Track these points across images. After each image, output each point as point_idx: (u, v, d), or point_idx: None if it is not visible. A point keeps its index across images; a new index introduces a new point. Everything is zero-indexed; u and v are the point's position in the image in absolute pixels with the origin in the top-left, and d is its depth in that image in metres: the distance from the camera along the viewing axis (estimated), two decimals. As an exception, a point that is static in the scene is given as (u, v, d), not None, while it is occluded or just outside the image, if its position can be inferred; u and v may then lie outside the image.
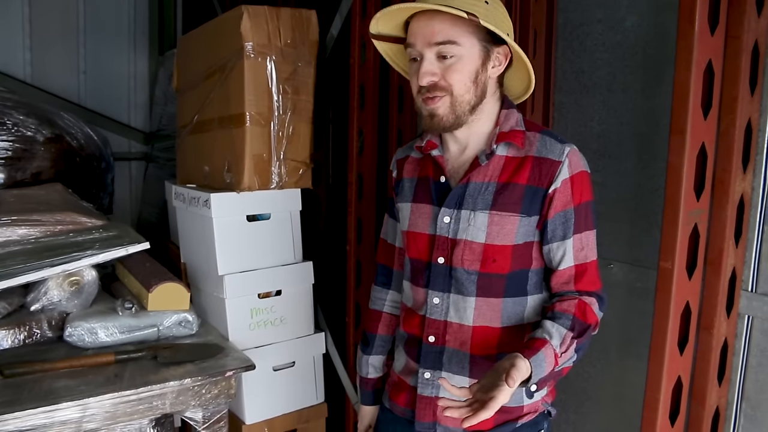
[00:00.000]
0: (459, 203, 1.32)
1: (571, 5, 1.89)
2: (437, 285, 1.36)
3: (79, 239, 2.15)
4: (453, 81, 1.27)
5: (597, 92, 1.84)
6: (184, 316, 2.13)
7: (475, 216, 1.30)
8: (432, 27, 1.25)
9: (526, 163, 1.30)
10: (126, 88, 4.04)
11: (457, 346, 1.34)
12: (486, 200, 1.30)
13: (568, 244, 1.31)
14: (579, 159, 1.32)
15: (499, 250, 1.30)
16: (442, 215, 1.34)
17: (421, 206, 1.40)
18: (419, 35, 1.27)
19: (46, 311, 2.06)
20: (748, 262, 1.56)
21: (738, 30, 1.45)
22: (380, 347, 1.60)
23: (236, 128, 2.30)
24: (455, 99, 1.28)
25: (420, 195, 1.41)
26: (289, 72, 2.31)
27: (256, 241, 2.34)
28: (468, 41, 1.26)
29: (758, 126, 1.52)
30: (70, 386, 1.75)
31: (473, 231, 1.30)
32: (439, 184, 1.37)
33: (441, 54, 1.26)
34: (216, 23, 2.52)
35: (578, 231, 1.31)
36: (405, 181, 1.47)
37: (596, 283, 1.34)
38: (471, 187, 1.32)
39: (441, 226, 1.34)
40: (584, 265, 1.32)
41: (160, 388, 1.81)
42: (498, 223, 1.29)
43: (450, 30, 1.25)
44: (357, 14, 2.41)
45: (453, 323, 1.35)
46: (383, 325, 1.59)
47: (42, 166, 2.91)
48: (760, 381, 1.56)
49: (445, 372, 1.36)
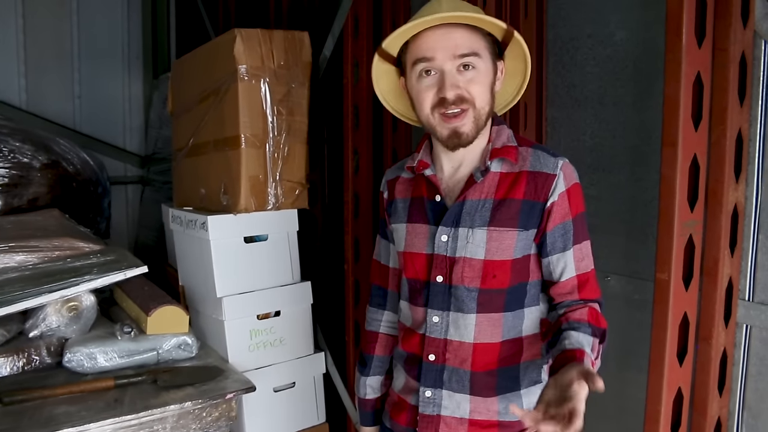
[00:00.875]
0: (456, 221, 1.32)
1: (561, 21, 1.92)
2: (436, 304, 1.35)
3: (77, 264, 2.15)
4: (475, 93, 1.26)
5: (589, 106, 1.85)
6: (183, 339, 2.12)
7: (474, 233, 1.30)
8: (454, 40, 1.24)
9: (521, 179, 1.31)
10: (121, 112, 4.05)
11: (457, 364, 1.34)
12: (483, 217, 1.30)
13: (569, 256, 1.31)
14: (572, 171, 1.33)
15: (499, 265, 1.30)
16: (440, 234, 1.33)
17: (417, 226, 1.39)
18: (439, 48, 1.24)
19: (44, 337, 2.06)
20: (744, 271, 1.57)
21: (725, 42, 1.47)
22: (378, 368, 1.59)
23: (232, 150, 2.31)
24: (478, 112, 1.27)
25: (415, 215, 1.40)
26: (283, 93, 2.33)
27: (254, 263, 2.34)
28: (485, 54, 1.27)
29: (748, 136, 1.53)
30: (70, 412, 1.74)
31: (472, 248, 1.30)
32: (435, 203, 1.37)
33: (465, 64, 1.25)
34: (209, 47, 2.54)
35: (577, 242, 1.31)
36: (398, 202, 1.46)
37: (598, 291, 1.35)
38: (468, 204, 1.32)
39: (439, 245, 1.34)
40: (586, 275, 1.33)
41: (161, 412, 1.80)
42: (497, 239, 1.29)
43: (471, 41, 1.25)
44: (349, 35, 2.43)
45: (453, 341, 1.34)
46: (380, 346, 1.58)
47: (39, 192, 2.92)
48: (760, 390, 1.56)
49: (445, 390, 1.35)
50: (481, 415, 1.34)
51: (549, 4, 1.94)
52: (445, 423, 1.35)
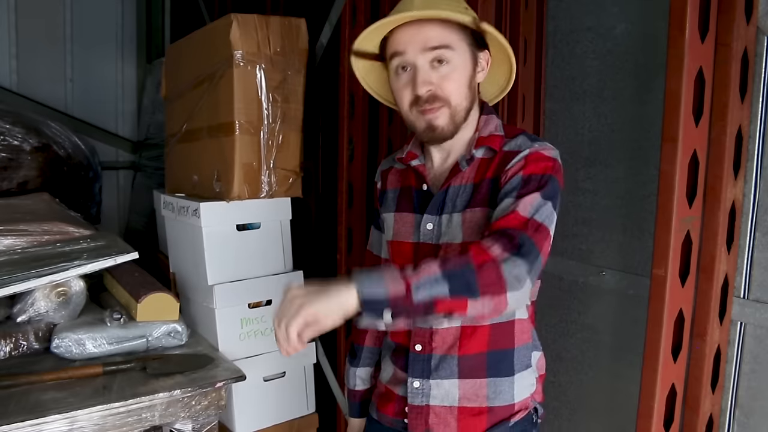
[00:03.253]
0: (440, 209, 1.32)
1: (561, 13, 1.90)
2: None
3: (66, 249, 2.13)
4: (450, 90, 1.26)
5: (588, 100, 1.84)
6: (173, 327, 2.10)
7: (452, 218, 1.30)
8: (425, 33, 1.24)
9: (495, 159, 1.30)
10: (113, 97, 4.03)
11: (444, 351, 1.33)
12: (463, 201, 1.30)
13: (508, 201, 1.19)
14: (545, 148, 1.26)
15: None
16: (425, 222, 1.34)
17: (404, 215, 1.40)
18: (410, 42, 1.25)
19: (32, 322, 2.03)
20: (740, 268, 1.56)
21: (728, 37, 1.46)
22: (367, 359, 1.59)
23: (225, 137, 2.28)
24: (454, 109, 1.27)
25: (402, 204, 1.41)
26: (279, 80, 2.30)
27: (246, 251, 2.33)
28: (460, 46, 1.26)
29: (748, 133, 1.52)
30: (57, 398, 1.72)
31: (452, 232, 1.30)
32: (421, 192, 1.37)
33: (436, 60, 1.25)
34: (205, 31, 2.51)
35: (522, 195, 1.18)
36: (389, 192, 1.47)
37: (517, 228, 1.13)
38: (450, 191, 1.32)
39: (424, 233, 1.34)
40: (515, 215, 1.15)
41: (150, 400, 1.79)
42: (470, 220, 1.28)
43: (443, 34, 1.24)
44: (346, 23, 2.41)
45: (439, 329, 1.33)
46: (370, 337, 1.58)
47: (28, 176, 2.90)
48: (753, 388, 1.56)
49: (433, 380, 1.34)
50: (471, 401, 1.33)
51: (549, -4, 1.92)
52: (435, 413, 1.35)
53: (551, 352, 1.99)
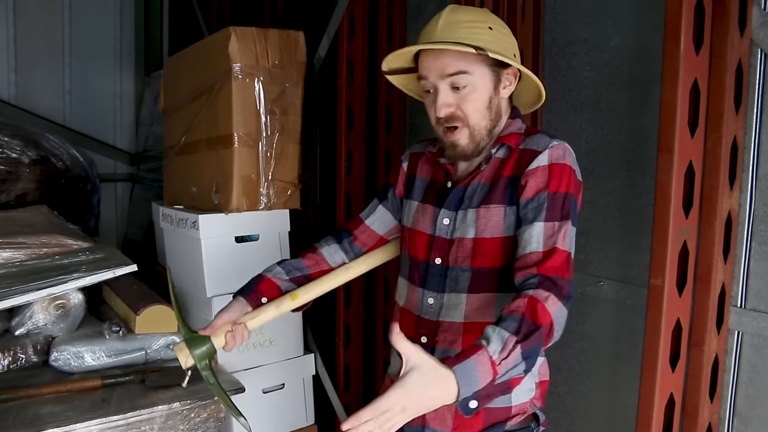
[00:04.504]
0: (457, 205, 1.36)
1: (557, 25, 1.92)
2: (432, 285, 1.37)
3: (65, 262, 2.13)
4: (468, 111, 1.30)
5: (584, 111, 1.85)
6: (172, 339, 2.10)
7: (467, 213, 1.33)
8: (442, 60, 1.28)
9: (512, 157, 1.33)
10: (112, 109, 4.03)
11: (446, 346, 1.35)
12: (479, 198, 1.33)
13: (537, 228, 1.24)
14: (565, 153, 1.29)
15: (489, 243, 1.31)
16: (442, 217, 1.37)
17: (427, 207, 1.43)
18: (431, 69, 1.30)
19: (31, 335, 2.03)
20: (737, 278, 1.57)
21: (722, 50, 1.47)
22: (295, 270, 1.55)
23: (224, 149, 2.29)
24: (473, 128, 1.32)
25: (428, 196, 1.45)
26: (277, 93, 2.32)
27: (245, 263, 2.32)
28: (478, 69, 1.29)
29: (743, 143, 1.53)
30: (55, 412, 1.72)
31: (464, 228, 1.33)
32: (445, 188, 1.41)
33: (454, 85, 1.29)
34: (204, 44, 2.52)
35: (550, 219, 1.24)
36: (417, 180, 1.50)
37: (564, 271, 1.20)
38: (469, 189, 1.35)
39: (440, 227, 1.37)
40: (553, 251, 1.21)
41: (149, 413, 1.79)
42: (485, 216, 1.31)
43: (459, 62, 1.27)
44: (344, 35, 2.42)
45: (444, 322, 1.35)
46: (310, 258, 1.58)
47: (27, 188, 2.89)
48: (751, 397, 1.57)
49: None
50: None
51: (546, 9, 1.94)
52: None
53: (549, 362, 1.98)
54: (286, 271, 1.54)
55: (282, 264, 1.57)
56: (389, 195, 1.56)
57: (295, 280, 1.54)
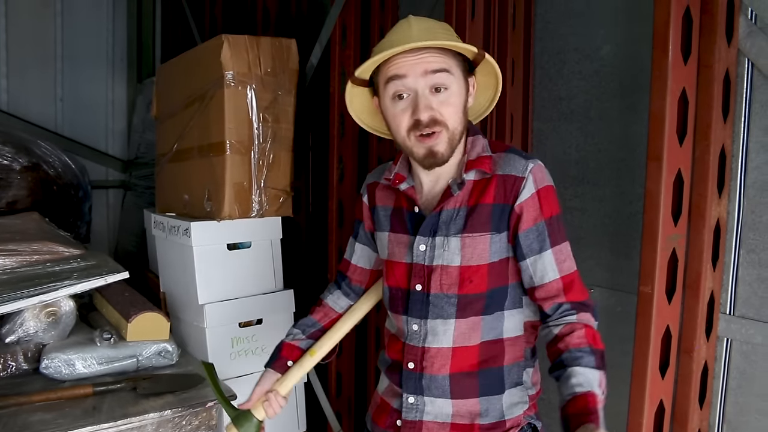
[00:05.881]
0: (433, 231, 1.34)
1: (548, 34, 1.93)
2: (415, 312, 1.37)
3: (56, 269, 2.12)
4: (448, 115, 1.27)
5: (575, 119, 1.87)
6: (163, 346, 2.09)
7: (449, 241, 1.32)
8: (426, 59, 1.26)
9: (491, 183, 1.32)
10: (104, 116, 4.02)
11: (435, 372, 1.35)
12: (458, 225, 1.32)
13: (548, 257, 1.30)
14: (544, 174, 1.32)
15: (475, 270, 1.31)
16: (418, 243, 1.35)
17: (398, 236, 1.41)
18: (412, 67, 1.26)
19: (21, 343, 2.02)
20: (726, 285, 1.59)
21: (710, 59, 1.49)
22: (310, 327, 1.62)
23: (216, 156, 2.29)
24: (451, 133, 1.29)
25: (396, 225, 1.43)
26: (270, 100, 2.32)
27: (237, 270, 2.33)
28: (457, 72, 1.29)
29: (731, 152, 1.55)
30: (46, 420, 1.70)
31: (448, 255, 1.32)
32: (414, 214, 1.39)
33: (435, 86, 1.26)
34: (196, 52, 2.52)
35: (555, 243, 1.30)
36: (380, 210, 1.48)
37: (585, 292, 1.33)
38: (444, 214, 1.33)
39: (417, 254, 1.36)
40: (570, 276, 1.31)
41: (140, 420, 1.77)
42: (470, 245, 1.31)
43: (443, 60, 1.27)
44: (336, 43, 2.43)
45: (431, 348, 1.35)
46: (319, 313, 1.63)
47: (18, 195, 2.88)
48: (740, 403, 1.58)
49: (426, 396, 1.36)
50: (463, 418, 1.35)
51: (537, 18, 1.95)
52: (427, 428, 1.37)
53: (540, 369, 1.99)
54: (302, 330, 1.61)
55: (297, 325, 1.63)
56: (360, 232, 1.56)
57: (311, 336, 1.61)
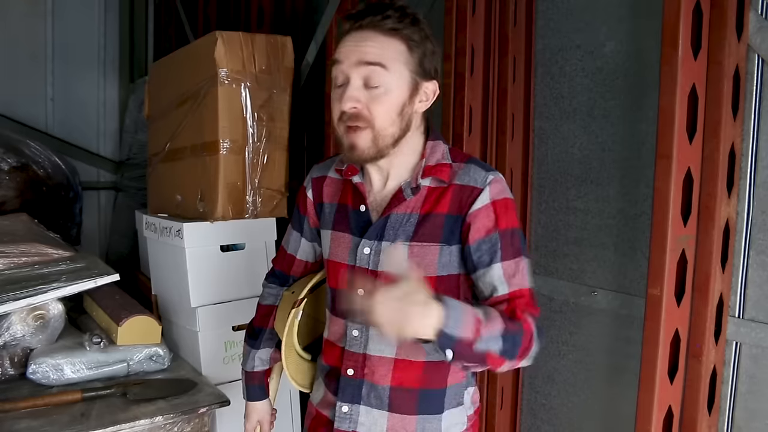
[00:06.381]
0: (380, 235, 1.28)
1: (550, 31, 1.90)
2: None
3: (44, 271, 2.09)
4: (376, 113, 1.20)
5: (578, 118, 1.83)
6: (155, 351, 2.06)
7: (396, 248, 1.25)
8: (363, 47, 1.19)
9: (447, 192, 1.26)
10: (95, 116, 3.99)
11: (376, 380, 1.30)
12: (407, 231, 1.26)
13: (497, 270, 1.22)
14: (503, 187, 1.26)
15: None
16: (362, 247, 1.29)
17: (341, 235, 1.34)
18: (349, 53, 1.21)
19: (8, 347, 1.98)
20: (735, 287, 1.55)
21: (720, 55, 1.45)
22: (269, 341, 1.57)
23: (210, 156, 2.25)
24: (378, 133, 1.21)
25: (339, 223, 1.36)
26: (264, 99, 2.28)
27: (230, 272, 2.29)
28: (397, 69, 1.21)
29: (741, 150, 1.51)
30: (32, 427, 1.67)
31: (394, 262, 1.23)
32: (359, 213, 1.32)
33: (368, 80, 1.20)
34: (189, 49, 2.49)
35: (507, 258, 1.23)
36: (326, 206, 1.41)
37: (535, 309, 1.23)
38: (392, 218, 1.27)
39: (361, 257, 1.29)
40: (520, 291, 1.22)
41: (130, 427, 1.75)
42: (418, 254, 1.25)
43: (382, 53, 1.19)
44: (332, 41, 2.40)
45: (373, 356, 1.30)
46: (274, 320, 1.56)
47: (6, 196, 2.85)
48: (749, 409, 1.54)
49: (363, 406, 1.31)
50: None
51: (538, 14, 1.92)
52: None
53: (543, 373, 1.96)
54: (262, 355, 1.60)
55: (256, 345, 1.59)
56: (306, 227, 1.48)
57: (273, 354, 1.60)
